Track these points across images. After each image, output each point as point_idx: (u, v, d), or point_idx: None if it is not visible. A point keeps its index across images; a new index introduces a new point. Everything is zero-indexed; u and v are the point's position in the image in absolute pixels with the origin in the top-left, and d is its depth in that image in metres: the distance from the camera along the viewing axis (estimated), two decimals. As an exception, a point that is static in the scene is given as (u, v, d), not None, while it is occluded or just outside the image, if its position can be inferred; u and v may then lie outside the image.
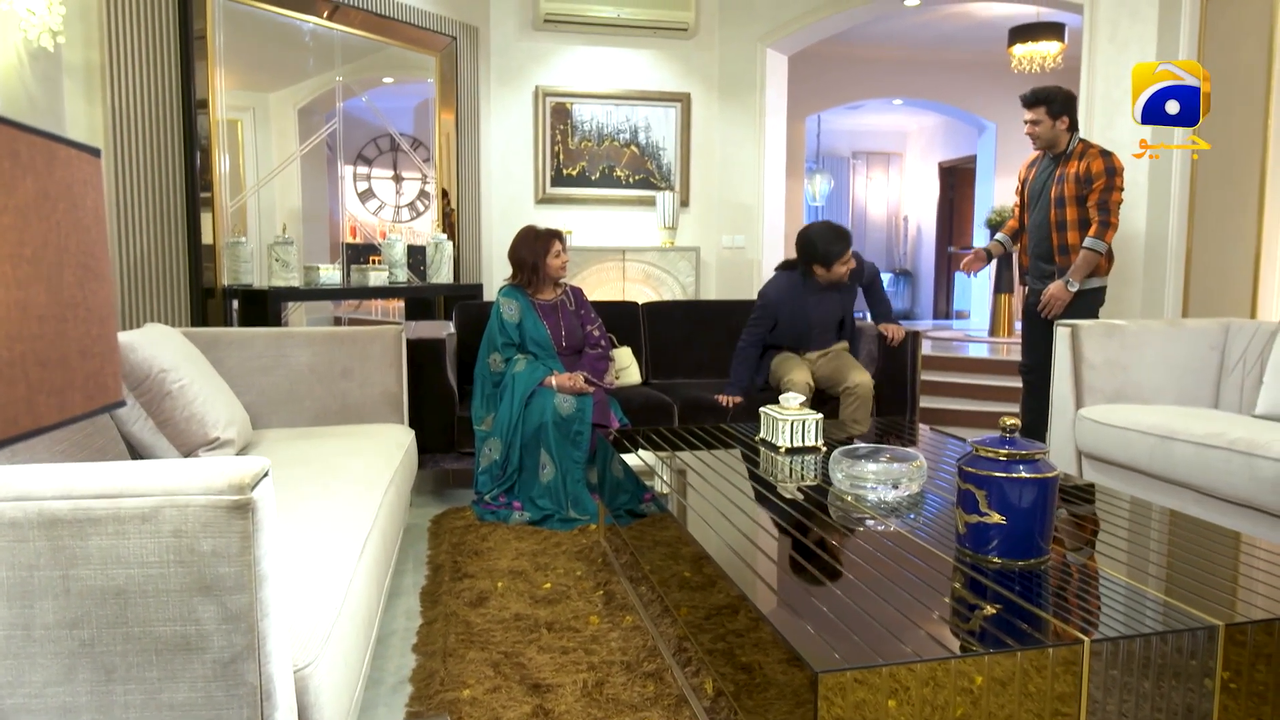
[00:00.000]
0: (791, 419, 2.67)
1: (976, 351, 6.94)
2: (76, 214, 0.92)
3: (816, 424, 2.69)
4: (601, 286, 5.63)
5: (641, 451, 2.73)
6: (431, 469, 3.71)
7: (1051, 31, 6.62)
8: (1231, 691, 1.37)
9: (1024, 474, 1.59)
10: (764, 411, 2.80)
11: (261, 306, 3.79)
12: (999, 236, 4.20)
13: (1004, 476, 1.60)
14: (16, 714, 1.07)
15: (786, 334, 3.90)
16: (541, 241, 3.67)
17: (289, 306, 4.40)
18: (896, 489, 2.08)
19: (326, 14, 4.55)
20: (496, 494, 3.38)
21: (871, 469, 2.11)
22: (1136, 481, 3.02)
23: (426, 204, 5.61)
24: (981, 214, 8.78)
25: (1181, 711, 1.35)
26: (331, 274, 4.29)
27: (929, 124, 10.81)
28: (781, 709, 1.32)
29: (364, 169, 5.48)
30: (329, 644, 1.34)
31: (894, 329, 3.96)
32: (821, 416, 2.72)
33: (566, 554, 2.93)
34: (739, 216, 6.11)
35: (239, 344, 2.92)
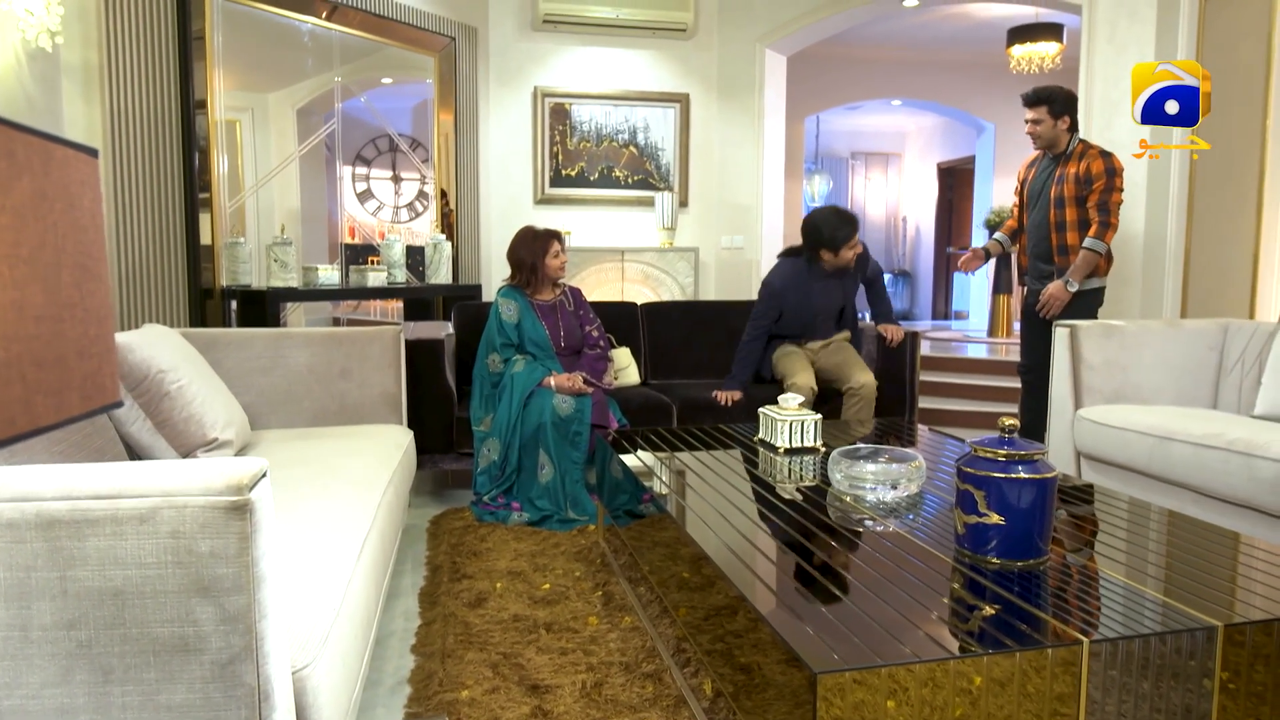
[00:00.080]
0: (790, 419, 2.67)
1: (975, 352, 6.94)
2: (74, 214, 0.92)
3: (815, 424, 2.69)
4: (600, 287, 5.63)
5: (640, 452, 2.73)
6: (430, 470, 3.70)
7: (1050, 32, 6.63)
8: (1230, 692, 1.37)
9: (1023, 474, 1.59)
10: (763, 412, 2.80)
11: (260, 307, 3.79)
12: (997, 236, 4.20)
13: (1003, 477, 1.60)
14: (13, 715, 1.07)
15: (791, 323, 3.88)
16: (540, 242, 3.67)
17: (287, 307, 4.40)
18: (895, 490, 2.09)
19: (325, 14, 4.54)
20: (495, 495, 3.38)
21: (870, 469, 2.11)
22: (1135, 482, 3.02)
23: (425, 204, 5.60)
24: (980, 215, 8.78)
25: (1180, 712, 1.35)
26: (330, 274, 4.29)
27: (928, 124, 10.82)
28: (780, 710, 1.32)
29: (363, 169, 5.47)
30: (327, 645, 1.34)
31: (893, 330, 3.96)
32: (820, 417, 2.72)
33: (565, 555, 2.93)
34: (738, 217, 6.11)
35: (237, 345, 2.92)
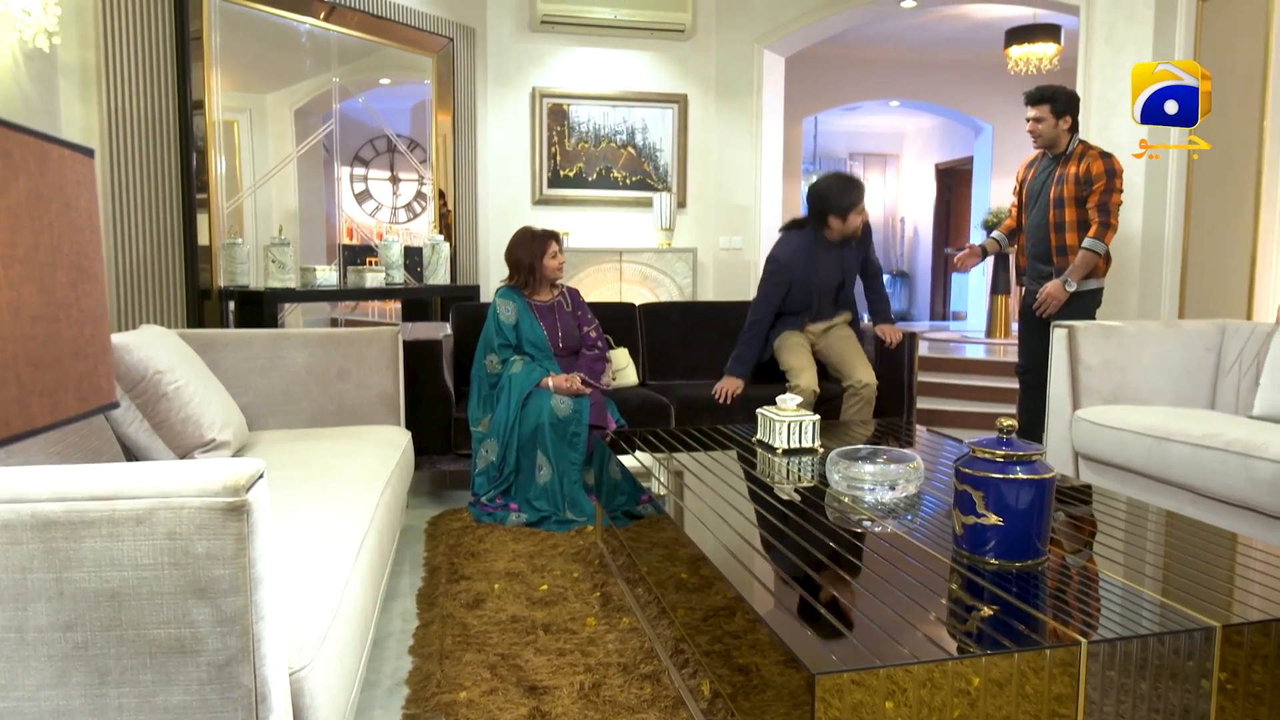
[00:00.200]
0: (789, 420, 2.66)
1: (973, 353, 6.95)
2: (70, 215, 0.91)
3: (814, 425, 2.69)
4: (598, 288, 5.63)
5: (638, 453, 2.73)
6: (428, 470, 3.70)
7: (1048, 33, 6.64)
8: (1228, 692, 1.37)
9: (1021, 475, 1.59)
10: (761, 413, 2.80)
11: (258, 308, 3.79)
12: (995, 234, 4.20)
13: (1001, 478, 1.60)
14: (10, 718, 1.06)
15: (795, 298, 3.85)
16: (538, 242, 3.67)
17: (285, 308, 4.39)
18: (894, 490, 2.08)
19: (323, 15, 4.54)
20: (493, 495, 3.37)
21: (869, 470, 2.10)
22: (1133, 482, 3.02)
23: (423, 205, 5.60)
24: (978, 215, 8.78)
25: (1179, 712, 1.35)
26: (328, 275, 4.29)
27: (925, 125, 10.82)
28: (778, 711, 1.31)
29: (360, 170, 5.47)
30: (325, 646, 1.34)
31: (891, 331, 3.95)
32: (818, 418, 2.72)
33: (563, 556, 2.93)
34: (736, 218, 6.11)
35: (235, 345, 2.92)
